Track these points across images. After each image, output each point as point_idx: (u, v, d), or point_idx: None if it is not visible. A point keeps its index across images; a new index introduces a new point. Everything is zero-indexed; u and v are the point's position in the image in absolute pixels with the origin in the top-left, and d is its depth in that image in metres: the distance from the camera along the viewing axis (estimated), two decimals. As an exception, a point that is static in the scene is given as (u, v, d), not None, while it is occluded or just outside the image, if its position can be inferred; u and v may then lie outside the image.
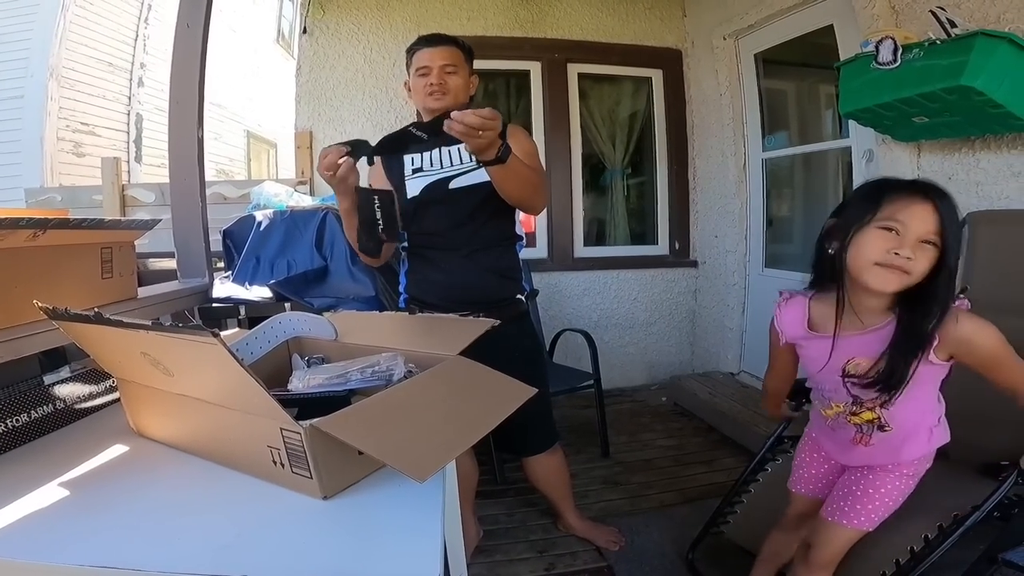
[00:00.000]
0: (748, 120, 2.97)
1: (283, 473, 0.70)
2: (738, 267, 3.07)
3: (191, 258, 1.61)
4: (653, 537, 1.86)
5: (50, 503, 0.68)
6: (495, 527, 1.94)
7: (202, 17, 1.56)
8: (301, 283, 1.79)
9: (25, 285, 0.93)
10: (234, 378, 0.62)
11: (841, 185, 2.65)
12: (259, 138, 8.19)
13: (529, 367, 1.49)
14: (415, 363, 0.94)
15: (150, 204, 2.97)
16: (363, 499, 0.70)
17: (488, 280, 1.52)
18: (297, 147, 3.06)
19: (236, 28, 7.17)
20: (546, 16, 3.21)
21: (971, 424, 1.54)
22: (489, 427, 0.77)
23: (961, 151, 1.83)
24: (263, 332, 1.04)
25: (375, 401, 0.73)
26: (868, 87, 1.70)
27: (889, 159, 2.08)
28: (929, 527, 1.15)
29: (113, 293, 1.16)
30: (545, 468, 1.73)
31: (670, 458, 2.48)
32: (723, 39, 2.98)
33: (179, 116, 1.57)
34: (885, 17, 1.95)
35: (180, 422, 0.82)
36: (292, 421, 0.64)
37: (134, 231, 1.21)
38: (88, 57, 5.47)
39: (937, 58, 1.49)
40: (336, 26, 3.03)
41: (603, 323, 3.33)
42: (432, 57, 1.47)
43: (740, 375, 3.10)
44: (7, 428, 0.83)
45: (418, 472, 0.59)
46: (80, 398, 0.98)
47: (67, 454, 0.82)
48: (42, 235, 0.92)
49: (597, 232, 3.59)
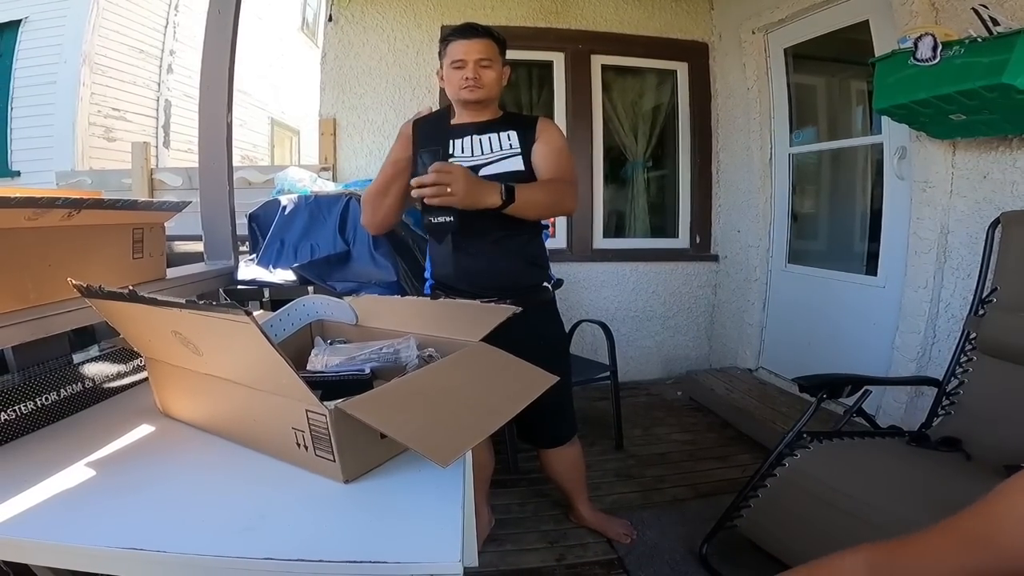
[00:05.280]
0: (775, 115, 2.92)
1: (306, 455, 0.70)
2: (760, 262, 3.02)
3: (218, 240, 1.63)
4: (664, 531, 1.85)
5: (76, 484, 0.69)
6: (507, 516, 1.95)
7: (233, 3, 1.58)
8: (324, 267, 1.81)
9: (58, 263, 0.95)
10: (264, 357, 0.63)
11: (870, 181, 2.59)
12: (283, 125, 8.27)
13: (553, 355, 1.50)
14: (436, 348, 0.94)
15: (177, 188, 3.03)
16: (384, 483, 0.71)
17: (516, 266, 1.53)
18: (321, 134, 3.08)
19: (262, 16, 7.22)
20: (570, 6, 3.18)
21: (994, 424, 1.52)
22: (511, 414, 0.77)
23: (998, 150, 1.78)
24: (287, 314, 1.06)
25: (398, 385, 0.73)
26: (905, 83, 1.66)
27: (923, 156, 2.03)
28: None
29: (143, 273, 1.18)
30: (563, 460, 1.73)
31: (684, 453, 2.47)
32: (752, 33, 2.92)
33: (209, 101, 1.60)
34: (924, 14, 1.90)
35: (207, 402, 0.83)
36: (318, 402, 0.65)
37: (165, 212, 1.23)
38: (120, 44, 5.56)
39: (978, 55, 1.45)
40: (361, 14, 3.03)
41: (620, 315, 3.31)
42: (468, 50, 1.46)
43: (758, 371, 3.07)
44: (36, 407, 0.85)
45: (441, 457, 0.60)
46: (108, 377, 1.00)
47: (94, 434, 0.83)
48: (76, 215, 0.94)
49: (617, 224, 3.56)
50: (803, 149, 2.88)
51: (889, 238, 2.33)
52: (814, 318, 2.71)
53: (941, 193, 1.97)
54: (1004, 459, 1.34)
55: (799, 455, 1.52)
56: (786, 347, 2.94)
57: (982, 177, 1.84)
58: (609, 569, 1.70)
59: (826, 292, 2.64)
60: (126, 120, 5.66)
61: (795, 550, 1.41)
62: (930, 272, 2.02)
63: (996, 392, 1.58)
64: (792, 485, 1.48)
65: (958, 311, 1.94)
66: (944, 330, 2.01)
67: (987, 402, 1.59)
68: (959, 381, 1.67)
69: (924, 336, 2.05)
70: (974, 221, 1.88)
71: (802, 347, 2.79)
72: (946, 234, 1.99)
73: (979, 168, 1.85)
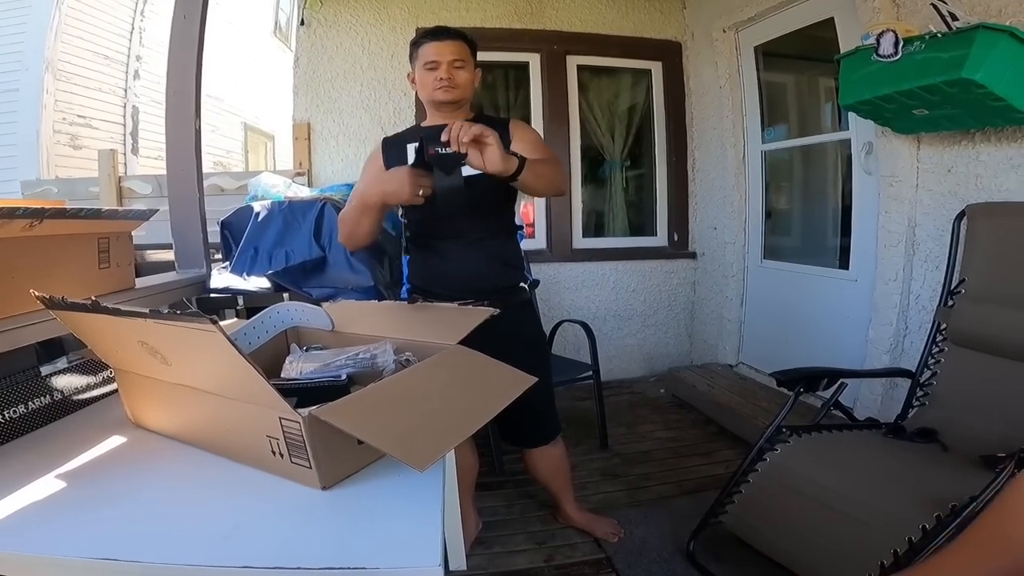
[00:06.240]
0: (748, 112, 2.96)
1: (282, 463, 0.69)
2: (737, 258, 3.06)
3: (189, 248, 1.60)
4: (651, 529, 1.86)
5: (48, 495, 0.68)
6: (494, 519, 1.94)
7: (199, 8, 1.55)
8: (299, 273, 1.78)
9: (21, 275, 0.92)
10: (233, 367, 0.62)
11: (840, 177, 2.65)
12: (256, 130, 8.15)
13: (532, 355, 1.50)
14: (414, 352, 0.93)
15: (147, 196, 2.96)
16: (362, 489, 0.70)
17: (493, 268, 1.52)
18: (295, 139, 3.04)
19: (233, 20, 7.12)
20: (545, 7, 3.19)
21: (968, 414, 1.55)
22: (489, 415, 0.77)
23: (961, 143, 1.83)
24: (261, 322, 1.04)
25: (374, 390, 0.73)
26: (868, 80, 1.68)
27: (888, 151, 2.07)
28: (927, 518, 1.14)
29: (110, 283, 1.15)
30: (547, 460, 1.73)
31: (668, 450, 2.48)
32: (723, 31, 2.96)
33: (176, 107, 1.56)
34: (886, 10, 1.94)
35: (178, 412, 0.82)
36: (291, 410, 0.64)
37: (131, 221, 1.20)
38: (84, 50, 5.42)
39: (938, 51, 1.48)
40: (334, 17, 3.01)
41: (601, 314, 3.32)
42: (440, 51, 1.46)
43: (738, 367, 3.11)
44: (4, 420, 0.83)
45: (418, 461, 0.59)
46: (78, 389, 0.98)
47: (65, 446, 0.82)
48: (38, 225, 0.91)
49: (596, 223, 3.57)
50: (775, 146, 2.93)
51: (859, 232, 2.38)
52: (790, 313, 2.75)
53: (907, 187, 2.01)
54: (979, 449, 1.36)
55: (779, 450, 1.53)
56: (765, 342, 2.98)
57: (947, 171, 1.88)
58: (598, 569, 1.70)
59: (801, 287, 2.68)
60: (92, 127, 5.53)
61: (780, 545, 1.42)
62: (899, 265, 2.06)
63: (968, 382, 1.61)
64: (773, 480, 1.49)
65: (928, 303, 1.98)
66: (915, 322, 2.05)
67: (960, 393, 1.61)
68: (932, 372, 1.69)
69: (896, 328, 2.09)
70: (940, 214, 1.92)
71: (780, 342, 2.83)
72: (913, 227, 2.03)
73: (943, 162, 1.90)
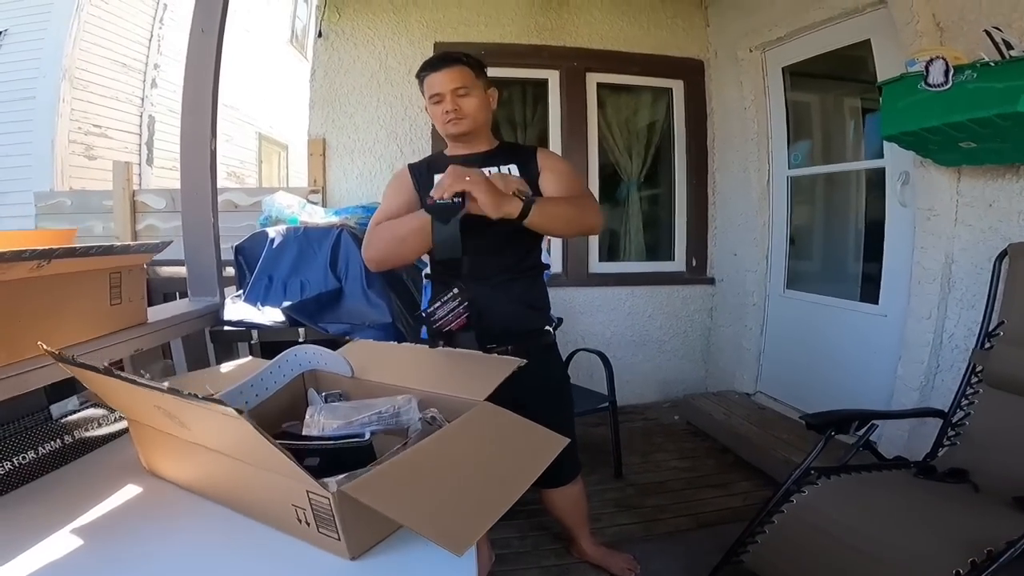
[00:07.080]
0: (773, 135, 2.89)
1: (309, 531, 0.66)
2: (757, 287, 2.99)
3: (202, 275, 1.56)
4: (668, 563, 1.81)
5: (60, 556, 0.65)
6: (507, 551, 1.89)
7: (217, 23, 1.51)
8: (315, 307, 1.72)
9: (30, 317, 0.88)
10: (258, 447, 0.57)
11: (871, 207, 2.56)
12: (271, 140, 8.16)
13: (556, 399, 1.45)
14: (438, 407, 0.89)
15: (160, 210, 2.94)
16: (393, 556, 0.67)
17: (517, 311, 1.46)
18: (310, 154, 3.01)
19: (249, 28, 7.14)
20: (565, 24, 3.15)
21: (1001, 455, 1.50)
22: (524, 486, 0.73)
23: (1005, 177, 1.75)
24: (278, 366, 0.99)
25: (403, 460, 0.68)
26: (914, 109, 1.61)
27: (927, 182, 2.00)
28: (961, 563, 1.11)
29: (122, 319, 1.11)
30: (565, 498, 1.68)
31: (684, 480, 2.42)
32: (749, 51, 2.90)
33: (191, 127, 1.52)
34: (929, 34, 1.86)
35: (196, 468, 0.78)
36: (319, 486, 0.60)
37: (143, 255, 1.16)
38: (102, 58, 5.42)
39: (991, 81, 1.41)
40: (352, 31, 2.98)
41: (616, 340, 3.26)
42: (442, 82, 1.40)
43: (756, 396, 3.03)
44: (13, 466, 0.79)
45: (456, 545, 0.56)
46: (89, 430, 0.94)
47: (77, 495, 0.78)
48: (47, 265, 0.87)
49: (611, 246, 3.52)
50: (802, 172, 2.85)
51: (891, 266, 2.30)
52: (814, 344, 2.67)
53: (946, 221, 1.94)
54: (1013, 491, 1.34)
55: (807, 491, 1.50)
56: (785, 372, 2.90)
57: (988, 205, 1.81)
58: (614, 607, 1.64)
59: (826, 319, 2.61)
60: (108, 137, 5.53)
61: (803, 586, 1.38)
62: (934, 302, 1.99)
63: (1003, 424, 1.57)
64: (801, 521, 1.46)
65: (962, 342, 1.91)
66: (948, 360, 1.98)
67: (994, 434, 1.58)
68: (964, 412, 1.65)
69: (927, 366, 2.02)
70: (979, 251, 1.85)
71: (802, 373, 2.75)
72: (950, 264, 1.95)
73: (985, 196, 1.82)
